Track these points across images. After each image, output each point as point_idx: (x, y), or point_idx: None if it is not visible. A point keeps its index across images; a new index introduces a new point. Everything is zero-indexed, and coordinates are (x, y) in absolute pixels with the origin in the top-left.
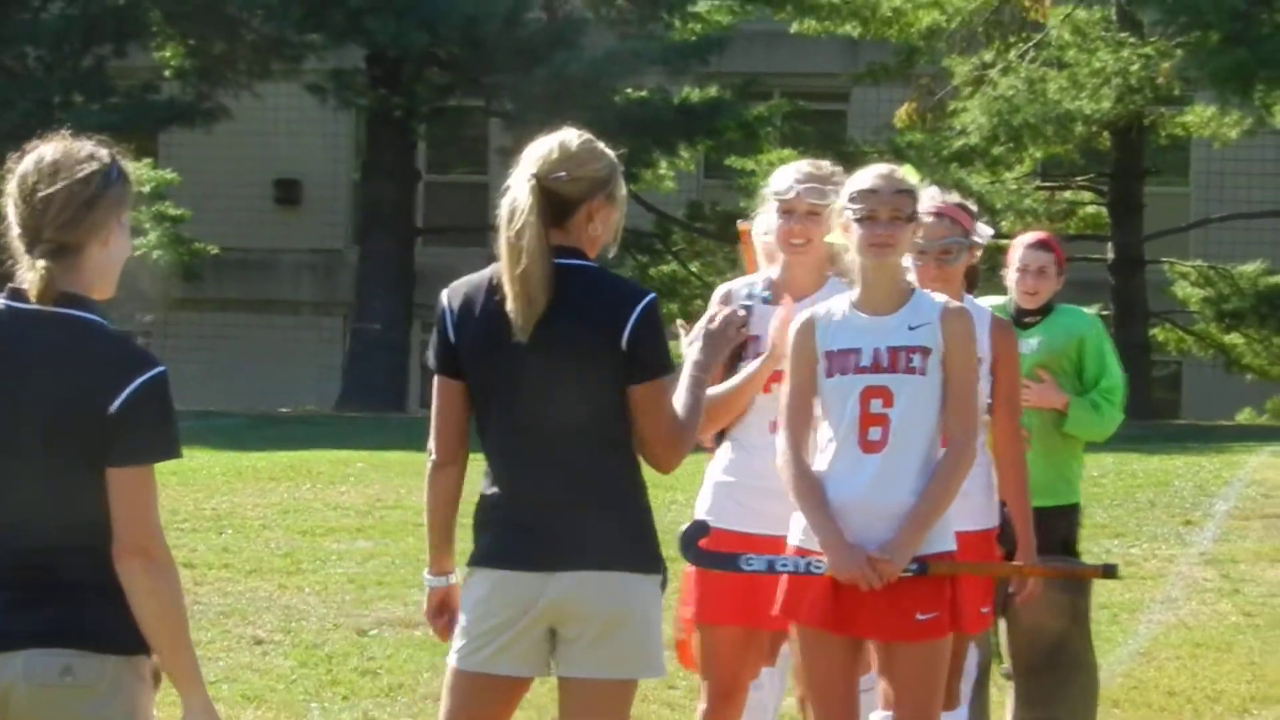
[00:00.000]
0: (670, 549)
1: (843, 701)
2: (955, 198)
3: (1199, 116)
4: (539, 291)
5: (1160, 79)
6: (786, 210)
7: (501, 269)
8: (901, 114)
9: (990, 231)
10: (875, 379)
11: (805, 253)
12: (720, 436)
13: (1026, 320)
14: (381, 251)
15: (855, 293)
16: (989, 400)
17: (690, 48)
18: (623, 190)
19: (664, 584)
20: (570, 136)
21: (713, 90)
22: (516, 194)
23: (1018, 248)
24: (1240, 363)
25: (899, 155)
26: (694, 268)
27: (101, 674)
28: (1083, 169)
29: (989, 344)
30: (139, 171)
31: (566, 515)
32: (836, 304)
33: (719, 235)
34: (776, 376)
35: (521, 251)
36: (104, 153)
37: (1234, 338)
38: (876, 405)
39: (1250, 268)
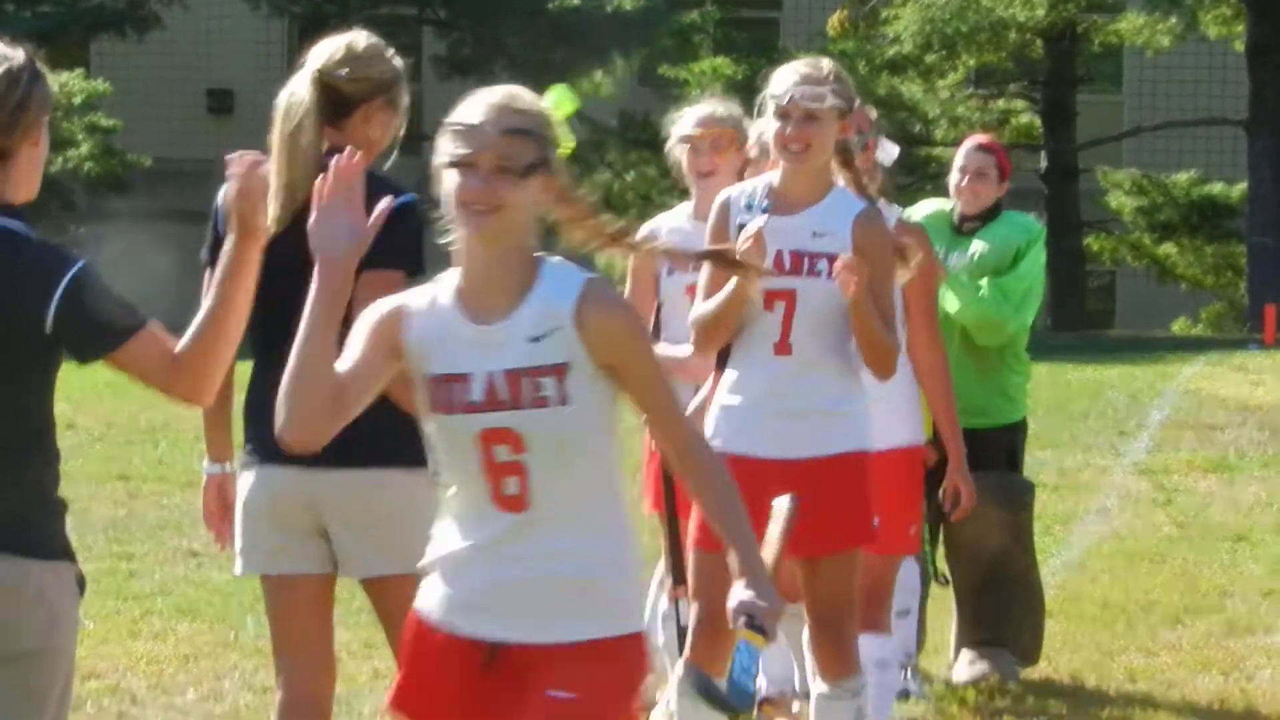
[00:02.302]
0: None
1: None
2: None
3: (1131, 24)
4: (301, 184)
5: None
6: (783, 114)
7: (271, 161)
8: (834, 21)
9: (895, 150)
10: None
11: (804, 159)
12: (723, 356)
13: (967, 226)
14: None
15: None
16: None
17: None
18: (405, 99)
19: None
20: (359, 37)
21: None
22: (296, 88)
23: (961, 151)
24: (1174, 272)
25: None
26: (628, 178)
27: (25, 578)
28: (1016, 77)
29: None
30: (71, 81)
31: None
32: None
33: (652, 145)
34: (781, 295)
35: (297, 147)
36: (18, 53)
37: (1167, 247)
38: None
39: (1183, 176)
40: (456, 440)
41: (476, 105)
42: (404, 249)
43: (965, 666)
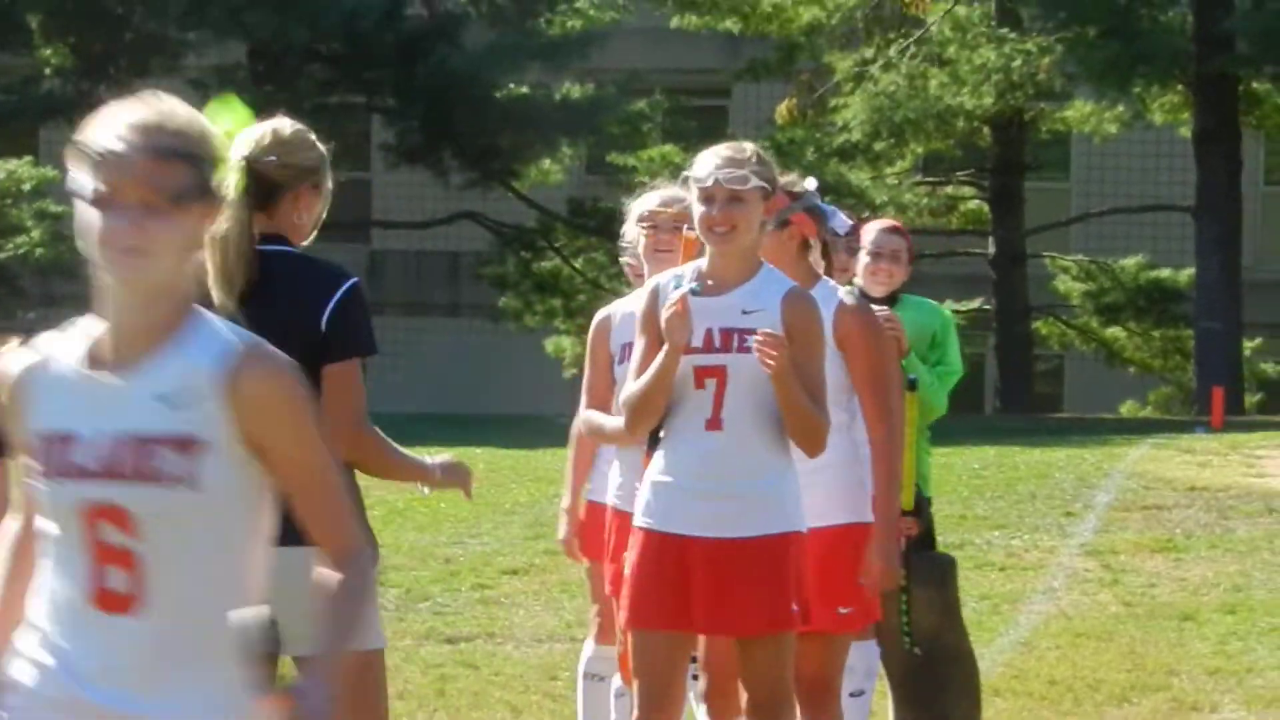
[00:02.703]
0: (550, 538)
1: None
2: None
3: (1079, 111)
4: (237, 271)
5: (1041, 74)
6: (707, 197)
7: (205, 249)
8: (782, 110)
9: (848, 224)
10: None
11: (729, 240)
12: (655, 436)
13: (873, 308)
14: None
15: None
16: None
17: (570, 43)
18: (329, 184)
19: (375, 559)
20: (284, 124)
21: (593, 87)
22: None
23: (870, 232)
24: (1122, 356)
25: (780, 151)
26: (577, 264)
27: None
28: (964, 164)
29: (833, 325)
30: (20, 169)
31: None
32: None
33: (601, 231)
34: (712, 372)
35: (223, 232)
36: None
37: (1115, 331)
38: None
39: (1130, 262)
40: (59, 514)
41: (117, 125)
42: (356, 334)
43: None
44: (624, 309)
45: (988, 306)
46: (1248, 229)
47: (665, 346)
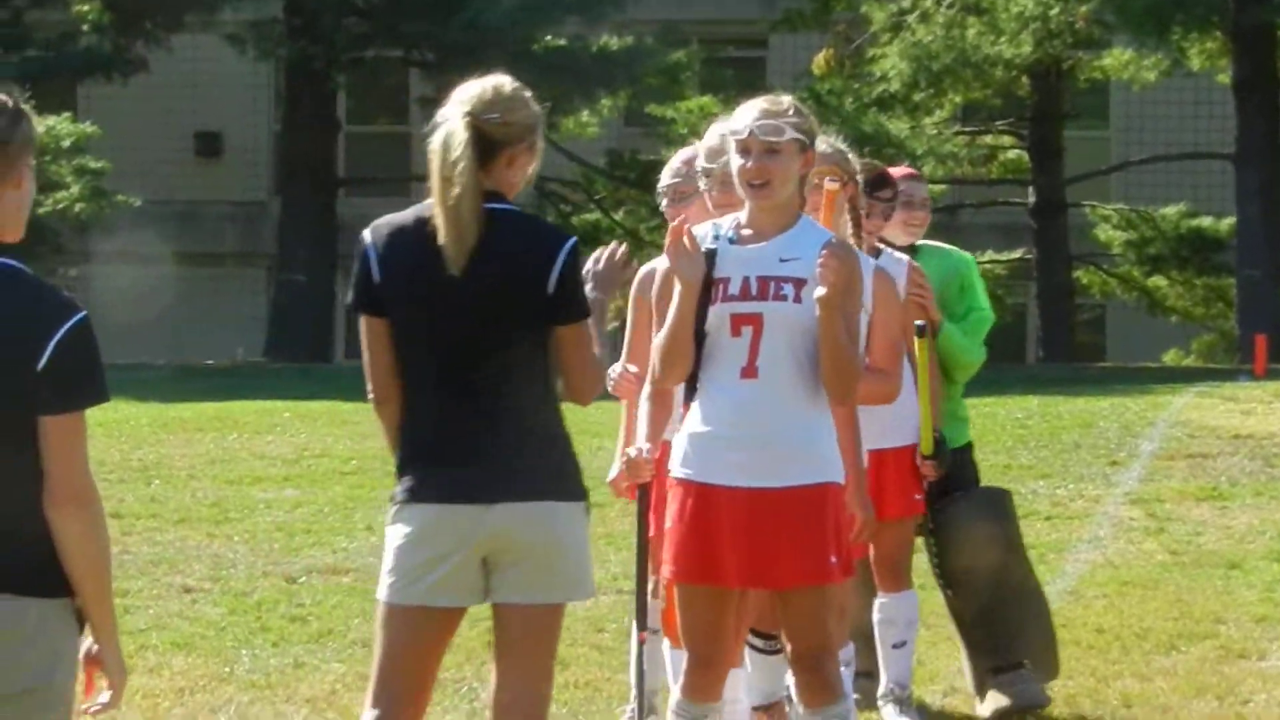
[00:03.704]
0: (598, 492)
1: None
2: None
3: (1117, 60)
4: (470, 228)
5: (1079, 23)
6: (743, 149)
7: (434, 205)
8: (819, 60)
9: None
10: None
11: (765, 194)
12: (692, 386)
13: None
14: (303, 203)
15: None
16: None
17: None
18: (541, 143)
19: (587, 511)
20: (504, 81)
21: (630, 38)
22: (452, 130)
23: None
24: (1164, 305)
25: (819, 102)
26: (617, 216)
27: (24, 617)
28: (1003, 113)
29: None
30: (58, 125)
31: (497, 450)
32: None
33: (639, 183)
34: (748, 319)
35: (456, 187)
36: (4, 96)
37: (1157, 280)
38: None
39: (1171, 210)
40: None
41: None
42: (581, 296)
43: (991, 702)
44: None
45: (1029, 256)
46: None
47: (679, 287)
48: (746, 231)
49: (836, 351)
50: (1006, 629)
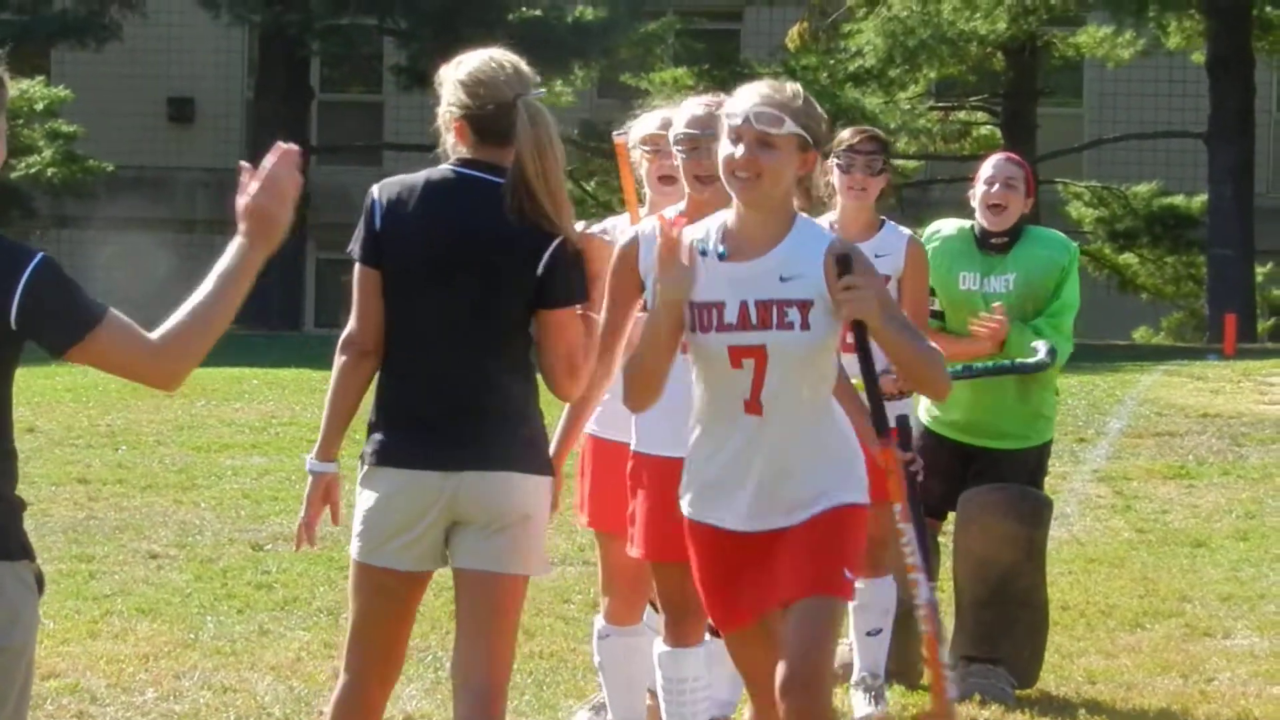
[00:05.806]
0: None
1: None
2: None
3: (1092, 37)
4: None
5: None
6: (735, 137)
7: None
8: (794, 34)
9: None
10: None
11: (753, 189)
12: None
13: (995, 242)
14: None
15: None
16: None
17: None
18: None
19: (556, 485)
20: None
21: (605, 9)
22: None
23: (988, 163)
24: (1134, 282)
25: (793, 76)
26: (589, 187)
27: None
28: (977, 89)
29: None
30: (32, 89)
31: (471, 419)
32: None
33: (614, 154)
34: (749, 352)
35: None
36: None
37: (1128, 258)
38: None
39: (1143, 188)
40: None
41: None
42: (571, 284)
43: (957, 680)
44: (621, 224)
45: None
46: (1260, 156)
47: (656, 300)
48: (737, 242)
49: (914, 359)
50: (998, 626)
